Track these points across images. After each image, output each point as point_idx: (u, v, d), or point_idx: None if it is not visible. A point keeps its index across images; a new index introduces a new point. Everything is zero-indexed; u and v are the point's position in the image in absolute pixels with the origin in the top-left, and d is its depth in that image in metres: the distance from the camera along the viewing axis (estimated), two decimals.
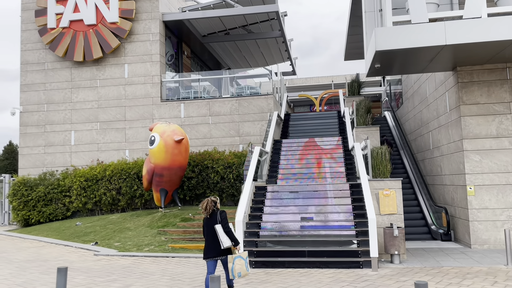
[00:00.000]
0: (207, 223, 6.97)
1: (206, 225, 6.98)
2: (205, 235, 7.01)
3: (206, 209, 6.95)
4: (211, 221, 6.90)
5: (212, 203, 6.98)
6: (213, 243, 6.85)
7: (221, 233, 6.76)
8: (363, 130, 14.44)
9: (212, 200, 7.02)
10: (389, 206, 10.25)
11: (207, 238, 6.96)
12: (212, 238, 6.86)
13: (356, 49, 22.37)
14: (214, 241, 6.83)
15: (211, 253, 6.86)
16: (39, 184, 17.92)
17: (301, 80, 41.63)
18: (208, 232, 6.92)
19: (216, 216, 6.92)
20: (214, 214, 6.96)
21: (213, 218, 6.91)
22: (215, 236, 6.82)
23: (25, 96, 19.63)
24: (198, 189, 16.69)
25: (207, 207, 6.95)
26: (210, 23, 21.14)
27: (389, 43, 9.80)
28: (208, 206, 6.94)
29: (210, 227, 6.88)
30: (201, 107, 18.36)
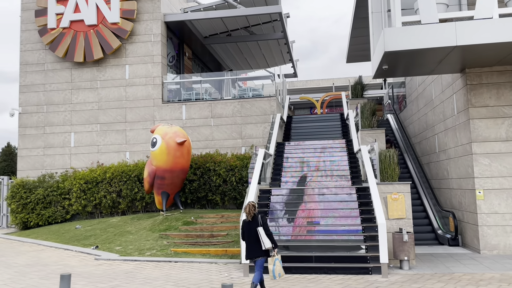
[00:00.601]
0: (248, 225, 7.45)
1: (247, 228, 7.46)
2: (246, 237, 7.51)
3: (250, 213, 7.40)
4: (253, 224, 7.38)
5: (253, 207, 7.44)
6: (255, 244, 7.32)
7: (263, 235, 7.25)
8: (368, 132, 14.23)
9: (253, 205, 7.47)
10: (397, 211, 10.02)
11: (249, 240, 7.41)
12: (254, 239, 7.33)
13: (359, 51, 22.23)
14: (256, 242, 7.31)
15: (255, 253, 7.34)
16: (38, 186, 17.64)
17: (301, 83, 41.50)
18: (250, 234, 7.39)
19: (257, 220, 7.39)
20: (255, 217, 7.42)
21: (254, 221, 7.40)
22: (257, 237, 7.29)
23: (24, 97, 19.37)
24: (200, 192, 16.44)
25: (250, 211, 7.41)
26: (212, 24, 20.94)
27: (398, 43, 9.61)
28: (250, 210, 7.41)
29: (252, 229, 7.35)
30: (203, 108, 18.12)
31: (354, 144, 14.67)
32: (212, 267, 10.22)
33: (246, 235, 7.50)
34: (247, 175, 15.98)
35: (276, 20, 21.19)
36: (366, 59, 23.81)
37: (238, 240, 12.15)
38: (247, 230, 7.49)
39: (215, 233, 12.87)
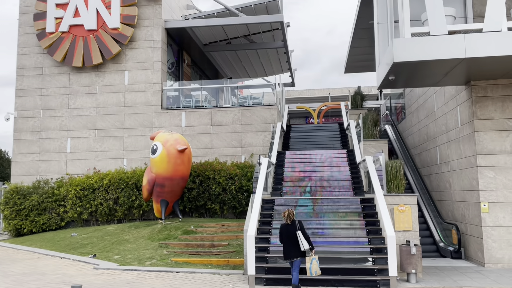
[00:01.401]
0: (286, 229, 8.23)
1: (285, 231, 8.24)
2: (284, 239, 8.25)
3: (289, 217, 8.24)
4: (292, 228, 8.16)
5: (292, 214, 8.31)
6: (294, 246, 8.06)
7: (301, 237, 8.01)
8: (371, 143, 14.18)
9: (292, 212, 8.34)
10: (404, 223, 9.92)
11: (288, 242, 8.16)
12: (293, 242, 8.08)
13: (358, 61, 22.29)
14: (295, 244, 8.05)
15: (294, 254, 8.08)
16: (33, 192, 17.28)
17: (297, 92, 41.56)
18: (289, 237, 8.15)
19: (295, 224, 8.17)
20: (294, 222, 8.22)
21: (293, 226, 8.18)
22: (295, 240, 8.04)
23: (21, 101, 19.05)
24: (199, 201, 16.22)
25: (289, 216, 8.25)
26: (212, 31, 20.88)
27: (407, 54, 9.58)
28: (290, 215, 8.25)
29: (290, 232, 8.13)
30: (203, 116, 17.97)
31: (356, 155, 14.59)
32: (215, 278, 10.01)
33: (285, 238, 8.22)
34: (247, 184, 15.87)
35: (276, 29, 21.21)
36: (365, 70, 23.89)
37: (240, 251, 11.95)
38: (285, 233, 8.22)
39: (215, 243, 12.66)
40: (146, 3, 18.70)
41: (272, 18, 18.96)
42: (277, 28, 21.07)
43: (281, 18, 18.71)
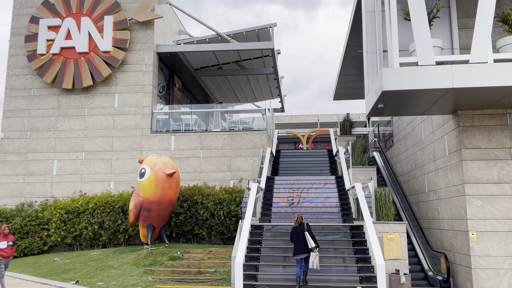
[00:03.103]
0: (296, 230, 9.95)
1: (295, 232, 9.93)
2: (294, 239, 9.90)
3: (298, 221, 10.01)
4: (301, 229, 9.90)
5: (301, 218, 10.09)
6: (302, 244, 9.71)
7: (309, 237, 9.66)
8: (360, 170, 14.22)
9: (301, 216, 10.13)
10: (393, 251, 9.86)
11: (297, 241, 9.80)
12: (301, 241, 9.73)
13: (347, 89, 22.65)
14: (303, 243, 9.70)
15: (302, 251, 9.72)
16: (16, 215, 16.87)
17: (286, 118, 41.87)
18: (298, 237, 9.81)
19: (303, 226, 9.92)
20: (302, 224, 9.94)
21: (301, 227, 9.93)
22: (304, 239, 9.71)
23: (8, 122, 18.83)
24: (186, 226, 15.99)
25: (298, 219, 10.03)
26: (203, 57, 21.08)
27: (396, 83, 9.73)
28: (298, 219, 10.02)
29: (299, 233, 9.84)
30: (192, 140, 17.92)
31: (345, 181, 14.61)
32: None
33: (295, 237, 9.91)
34: (236, 209, 15.72)
35: (267, 55, 21.52)
36: (353, 97, 24.26)
37: (227, 278, 11.72)
38: (295, 233, 9.93)
39: (202, 270, 12.40)
40: (139, 28, 18.87)
41: (263, 45, 19.25)
42: (267, 55, 21.38)
43: (272, 46, 19.00)
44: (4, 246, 10.62)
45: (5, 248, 10.62)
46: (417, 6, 10.09)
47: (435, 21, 11.26)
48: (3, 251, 10.61)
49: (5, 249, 10.62)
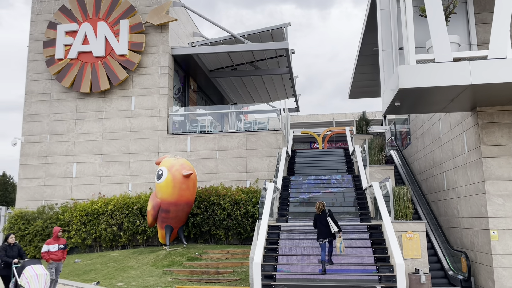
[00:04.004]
0: (319, 217, 10.56)
1: (318, 219, 10.56)
2: (318, 225, 10.52)
3: (320, 208, 10.62)
4: (323, 216, 10.49)
5: (322, 205, 10.69)
6: (326, 229, 10.27)
7: (331, 222, 10.24)
8: (377, 169, 14.11)
9: (322, 203, 10.72)
10: (412, 250, 9.77)
11: (321, 227, 10.39)
12: (325, 226, 10.30)
13: (362, 87, 22.45)
14: (326, 228, 10.27)
15: (325, 236, 10.27)
16: (37, 217, 17.22)
17: (301, 117, 41.75)
18: (321, 223, 10.42)
19: (325, 212, 10.50)
20: (324, 211, 10.56)
21: (323, 214, 10.52)
22: (327, 225, 10.28)
23: (28, 126, 19.23)
24: (204, 226, 16.08)
25: (320, 207, 10.65)
26: (218, 58, 21.18)
27: (413, 81, 9.63)
28: (320, 206, 10.65)
29: (322, 219, 10.44)
30: (208, 141, 18.03)
31: (362, 180, 14.52)
32: None
33: (318, 223, 10.50)
34: (252, 209, 15.75)
35: (281, 55, 21.50)
36: (369, 95, 24.03)
37: (245, 278, 11.76)
38: (318, 220, 10.53)
39: (221, 270, 12.47)
40: (154, 31, 19.07)
41: (278, 45, 19.24)
42: (282, 55, 21.37)
43: (286, 45, 18.98)
44: (55, 249, 10.31)
45: (56, 251, 10.29)
46: (433, 2, 9.98)
47: (452, 17, 11.10)
48: (54, 254, 10.27)
49: (56, 252, 10.29)
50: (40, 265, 9.40)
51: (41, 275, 9.08)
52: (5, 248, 9.88)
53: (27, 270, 9.07)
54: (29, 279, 8.92)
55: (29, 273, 8.99)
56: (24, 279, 8.96)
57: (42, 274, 9.10)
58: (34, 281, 8.94)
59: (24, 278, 8.96)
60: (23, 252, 10.13)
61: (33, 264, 9.28)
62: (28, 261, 9.44)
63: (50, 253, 10.20)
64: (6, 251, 9.82)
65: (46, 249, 10.23)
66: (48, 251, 10.20)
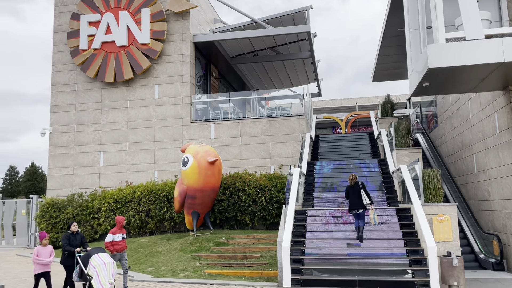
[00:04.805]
0: (351, 189, 10.86)
1: (351, 190, 10.85)
2: (350, 197, 10.83)
3: (353, 180, 10.91)
4: (356, 187, 10.79)
5: (355, 177, 10.98)
6: (358, 201, 10.60)
7: (364, 194, 10.57)
8: (404, 152, 13.87)
9: (355, 176, 11.01)
10: (443, 233, 9.61)
11: (353, 198, 10.71)
12: (357, 198, 10.63)
13: (386, 70, 22.00)
14: (359, 199, 10.59)
15: (357, 207, 10.61)
16: (68, 205, 17.67)
17: (323, 102, 41.35)
18: (353, 194, 10.73)
19: (358, 185, 10.79)
20: (356, 183, 10.83)
21: (356, 186, 10.80)
22: (359, 196, 10.59)
23: (55, 117, 19.64)
24: (229, 212, 16.20)
25: (353, 179, 10.93)
26: (239, 44, 21.07)
27: (442, 60, 9.37)
28: (353, 178, 10.93)
29: (355, 191, 10.75)
30: (232, 128, 18.05)
31: (389, 164, 14.32)
32: None
33: (350, 195, 10.80)
34: (277, 195, 15.76)
35: (303, 39, 21.22)
36: (393, 78, 23.55)
37: (273, 262, 11.82)
38: (351, 192, 10.82)
39: (248, 255, 12.56)
40: (175, 18, 19.07)
41: (299, 29, 18.98)
42: (303, 39, 21.09)
43: (308, 29, 18.71)
44: (120, 238, 9.69)
45: (120, 240, 9.69)
46: None
47: None
48: (118, 244, 9.65)
49: (120, 241, 9.68)
50: (106, 253, 8.91)
51: (109, 263, 8.53)
52: (68, 237, 9.28)
53: (94, 259, 8.48)
54: (97, 268, 8.34)
55: (97, 262, 8.42)
56: (91, 268, 8.38)
57: (109, 262, 8.56)
58: (103, 269, 8.37)
59: (92, 267, 8.38)
60: (85, 241, 9.55)
61: (98, 252, 8.72)
62: (94, 249, 8.87)
63: (114, 243, 9.58)
64: (69, 239, 9.24)
65: (111, 238, 9.57)
66: (113, 240, 9.57)
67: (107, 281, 8.32)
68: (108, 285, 8.30)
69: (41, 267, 8.95)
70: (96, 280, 8.27)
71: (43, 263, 8.93)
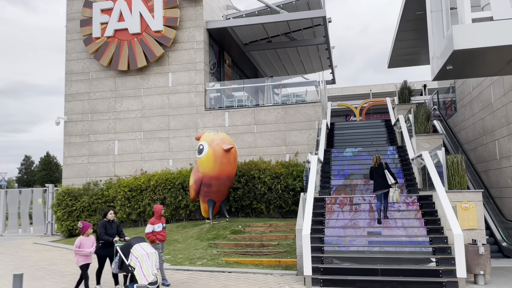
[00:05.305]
0: (375, 170, 10.96)
1: (375, 171, 10.95)
2: (374, 177, 10.91)
3: (377, 161, 10.98)
4: (379, 169, 10.89)
5: (379, 158, 11.05)
6: (382, 181, 10.69)
7: (389, 175, 10.71)
8: (424, 138, 13.54)
9: (379, 156, 11.08)
10: (468, 221, 9.33)
11: (377, 179, 10.79)
12: (381, 178, 10.72)
13: (403, 55, 21.49)
14: (383, 180, 10.69)
15: (382, 188, 10.67)
16: (83, 194, 17.71)
17: (336, 90, 40.88)
18: (378, 175, 10.82)
19: (382, 165, 10.92)
20: (380, 164, 10.93)
21: (380, 167, 10.91)
22: (384, 176, 10.72)
23: (70, 106, 19.63)
24: (244, 200, 16.07)
25: (377, 160, 11.00)
26: (253, 30, 20.75)
27: (469, 41, 8.98)
28: (377, 159, 10.99)
29: (379, 171, 10.84)
30: (246, 115, 17.84)
31: (408, 151, 14.01)
32: (269, 278, 9.78)
33: (375, 176, 10.89)
34: (293, 183, 15.57)
35: (318, 25, 20.82)
36: (410, 64, 23.04)
37: (291, 251, 11.68)
38: (375, 172, 10.91)
39: (265, 243, 12.44)
40: (188, 5, 18.81)
41: (315, 14, 18.59)
42: (318, 24, 20.69)
43: (324, 13, 18.31)
44: (160, 228, 9.27)
45: (160, 230, 9.27)
46: None
47: None
48: (159, 234, 9.22)
49: (161, 231, 9.27)
50: (147, 243, 8.32)
51: (152, 253, 7.95)
52: (104, 225, 8.75)
53: (136, 249, 7.89)
54: (140, 259, 7.77)
55: (139, 252, 7.85)
56: (133, 259, 7.80)
57: (152, 253, 7.98)
58: (146, 260, 7.79)
59: (134, 258, 7.80)
60: (121, 230, 9.04)
61: (140, 242, 8.13)
62: (134, 239, 8.31)
63: (155, 233, 9.10)
64: (106, 228, 8.71)
65: (151, 229, 9.11)
66: (153, 231, 9.10)
67: (151, 272, 7.78)
68: (151, 276, 7.75)
69: (85, 258, 8.46)
70: (139, 271, 7.73)
71: (86, 253, 8.43)
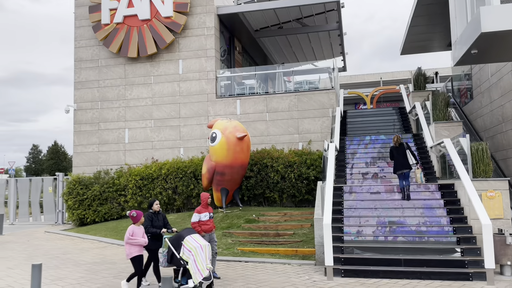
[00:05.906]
0: (396, 149, 11.04)
1: (395, 151, 11.06)
2: (395, 157, 11.01)
3: (397, 141, 11.04)
4: (400, 149, 10.97)
5: (400, 138, 11.07)
6: (403, 161, 10.77)
7: (410, 154, 10.91)
8: (443, 125, 13.19)
9: (399, 137, 11.08)
10: (494, 210, 9.05)
11: (398, 158, 10.89)
12: (402, 158, 10.81)
13: (417, 42, 21.01)
14: (404, 159, 10.78)
15: (402, 168, 10.74)
16: (94, 182, 17.58)
17: (345, 78, 40.35)
18: (398, 155, 10.90)
19: (403, 145, 11.01)
20: (401, 144, 11.00)
21: (400, 147, 10.99)
22: (405, 156, 10.83)
23: (79, 94, 19.41)
24: (257, 189, 15.84)
25: (397, 140, 11.06)
26: (264, 16, 20.34)
27: (498, 23, 8.61)
28: (398, 139, 11.05)
29: (400, 152, 10.92)
30: (258, 103, 17.54)
31: (426, 138, 13.68)
32: (287, 268, 9.59)
33: (395, 156, 10.97)
34: (307, 172, 15.32)
35: (330, 10, 20.35)
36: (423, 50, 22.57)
37: (307, 240, 11.48)
38: (396, 152, 11.01)
39: (280, 232, 12.24)
40: None
41: None
42: (331, 9, 20.22)
43: None
44: (207, 218, 8.61)
45: (207, 220, 8.60)
46: None
47: None
48: (205, 224, 8.55)
49: (207, 221, 8.60)
50: (198, 234, 7.83)
51: (205, 246, 7.41)
52: (151, 217, 8.18)
53: (188, 241, 7.36)
54: (193, 251, 7.22)
55: (192, 244, 7.30)
56: (186, 252, 7.27)
57: (205, 245, 7.45)
58: (199, 252, 7.25)
59: (186, 250, 7.26)
60: (167, 221, 8.47)
61: (191, 233, 7.63)
62: (185, 230, 7.77)
63: (201, 223, 8.51)
64: (152, 220, 8.15)
65: (197, 218, 8.52)
66: (199, 220, 8.51)
67: (205, 266, 7.21)
68: (206, 271, 7.18)
69: (139, 248, 7.72)
70: (193, 265, 7.16)
71: (140, 243, 7.70)
